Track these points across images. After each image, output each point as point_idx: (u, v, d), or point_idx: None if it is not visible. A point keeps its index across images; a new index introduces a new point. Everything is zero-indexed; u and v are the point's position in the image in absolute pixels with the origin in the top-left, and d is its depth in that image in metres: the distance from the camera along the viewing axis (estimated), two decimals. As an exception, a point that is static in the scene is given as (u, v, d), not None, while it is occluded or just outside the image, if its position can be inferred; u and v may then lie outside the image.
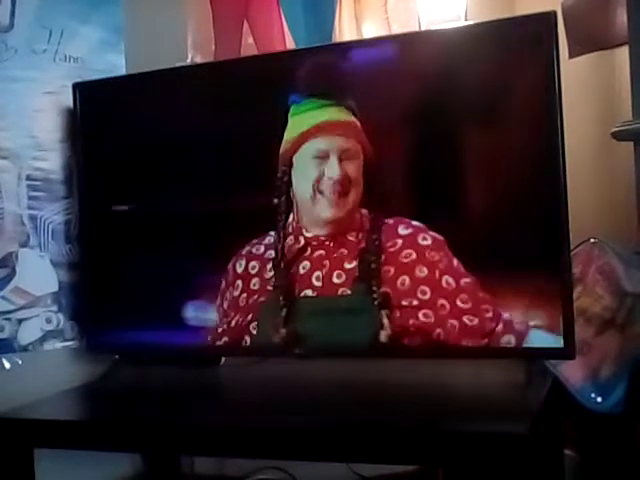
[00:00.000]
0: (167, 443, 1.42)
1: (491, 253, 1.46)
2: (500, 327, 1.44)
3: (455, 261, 1.47)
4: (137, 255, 1.75)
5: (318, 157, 1.55)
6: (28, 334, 1.72)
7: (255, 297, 1.62)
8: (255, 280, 1.62)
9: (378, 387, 1.56)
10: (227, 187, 1.66)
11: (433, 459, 1.27)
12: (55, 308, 1.76)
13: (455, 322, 1.46)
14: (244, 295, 1.63)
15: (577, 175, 1.54)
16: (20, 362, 1.70)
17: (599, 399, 1.51)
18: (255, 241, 1.62)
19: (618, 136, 1.62)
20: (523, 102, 1.45)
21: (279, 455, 1.41)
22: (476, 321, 1.45)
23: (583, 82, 1.89)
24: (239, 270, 1.64)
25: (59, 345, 1.76)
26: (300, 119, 1.57)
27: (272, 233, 1.60)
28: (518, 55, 1.45)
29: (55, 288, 1.77)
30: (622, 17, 1.67)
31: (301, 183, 1.57)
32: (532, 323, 1.43)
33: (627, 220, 1.67)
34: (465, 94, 1.49)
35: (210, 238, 1.68)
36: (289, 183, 1.58)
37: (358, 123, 1.53)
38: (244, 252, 1.63)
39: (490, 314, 1.45)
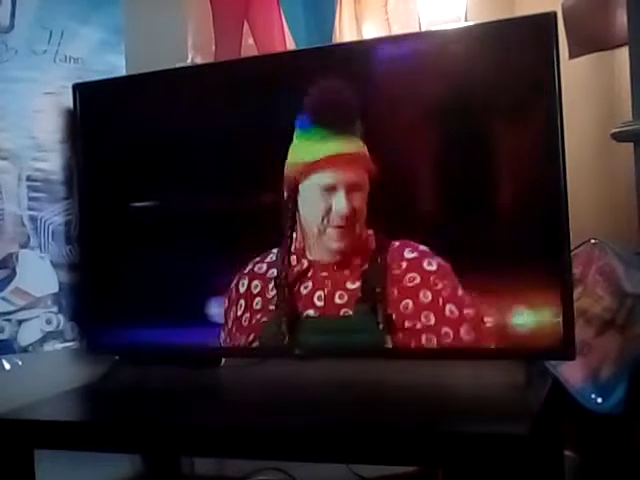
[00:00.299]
0: (167, 444, 1.42)
1: (491, 253, 1.45)
2: (506, 327, 1.44)
3: (460, 290, 1.46)
4: (137, 256, 1.75)
5: (325, 190, 1.54)
6: (28, 335, 1.72)
7: (258, 316, 1.62)
8: (257, 299, 1.62)
9: (378, 388, 1.56)
10: (228, 189, 1.66)
11: (433, 460, 1.27)
12: (55, 309, 1.76)
13: (457, 344, 1.47)
14: (247, 315, 1.63)
15: (577, 176, 1.53)
16: (20, 363, 1.70)
17: (599, 400, 1.51)
18: (257, 259, 1.62)
19: (618, 137, 1.62)
20: (523, 103, 1.45)
21: (279, 456, 1.41)
22: (477, 342, 1.46)
23: (583, 83, 1.89)
24: (242, 289, 1.63)
25: (59, 346, 1.76)
26: (306, 145, 1.55)
27: (275, 251, 1.60)
28: (518, 56, 1.45)
29: (55, 289, 1.77)
30: (622, 18, 1.67)
31: (307, 212, 1.57)
32: (532, 324, 1.43)
33: (627, 221, 1.67)
34: (465, 97, 1.49)
35: (210, 240, 1.68)
36: (295, 208, 1.58)
37: (366, 150, 1.52)
38: (247, 270, 1.63)
39: (498, 314, 1.44)
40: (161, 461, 1.89)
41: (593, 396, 1.52)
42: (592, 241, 1.63)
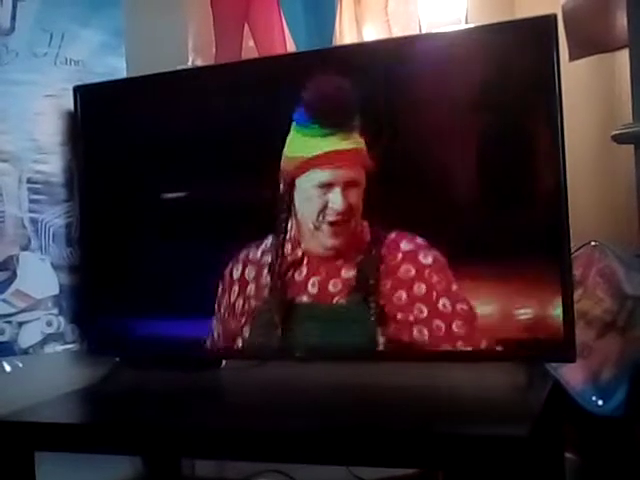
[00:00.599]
0: (168, 446, 1.42)
1: (490, 255, 1.45)
2: (507, 330, 1.44)
3: (454, 285, 1.46)
4: (138, 258, 1.75)
5: (322, 187, 1.54)
6: (29, 337, 1.72)
7: (251, 303, 1.62)
8: (251, 286, 1.62)
9: (378, 390, 1.56)
10: (224, 190, 1.67)
11: (433, 462, 1.27)
12: (56, 311, 1.76)
13: (450, 344, 1.47)
14: (240, 301, 1.63)
15: (578, 178, 1.54)
16: (21, 365, 1.70)
17: (600, 402, 1.51)
18: (252, 245, 1.62)
19: (618, 139, 1.61)
20: (523, 105, 1.45)
21: (279, 458, 1.40)
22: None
23: (583, 85, 1.89)
24: (235, 275, 1.64)
25: (60, 348, 1.77)
26: (304, 140, 1.56)
27: (269, 237, 1.60)
28: (518, 58, 1.45)
29: (56, 291, 1.77)
30: (622, 20, 1.67)
31: (303, 207, 1.57)
32: (533, 325, 1.42)
33: (628, 223, 1.67)
34: (466, 98, 1.49)
35: (211, 242, 1.68)
36: (291, 202, 1.58)
37: (363, 147, 1.52)
38: (241, 257, 1.63)
39: (499, 317, 1.44)
40: (162, 463, 1.89)
41: (594, 398, 1.52)
42: (592, 243, 1.63)
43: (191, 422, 1.41)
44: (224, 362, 1.79)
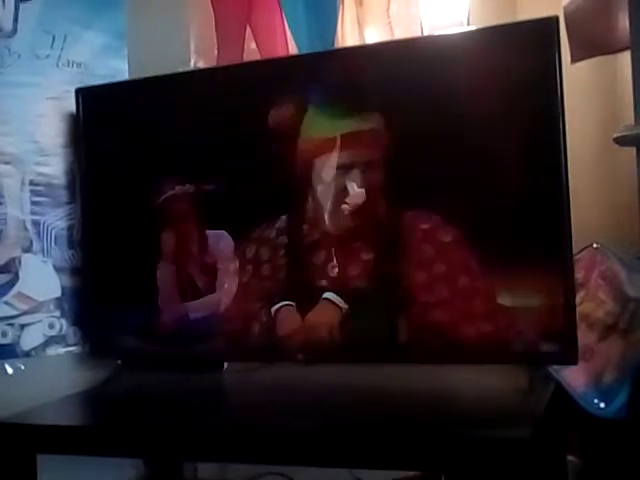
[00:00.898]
0: (170, 448, 1.42)
1: (492, 256, 1.45)
2: (508, 333, 1.44)
3: (473, 263, 1.46)
4: (140, 259, 1.75)
5: (341, 169, 1.54)
6: (31, 339, 1.72)
7: (266, 284, 1.62)
8: (266, 266, 1.62)
9: (380, 392, 1.56)
10: (229, 187, 1.66)
11: (435, 464, 1.26)
12: (58, 313, 1.76)
13: (467, 325, 1.46)
14: (254, 281, 1.63)
15: (579, 180, 1.53)
16: (23, 367, 1.70)
17: (602, 404, 1.51)
18: (265, 224, 1.62)
19: (620, 141, 1.61)
20: (525, 107, 1.44)
21: (281, 460, 1.40)
22: (487, 326, 1.45)
23: (585, 87, 1.89)
24: (249, 255, 1.63)
25: (62, 350, 1.77)
26: (322, 122, 1.56)
27: (283, 217, 1.60)
28: (520, 60, 1.44)
29: (58, 293, 1.77)
30: (624, 22, 1.67)
31: (321, 188, 1.57)
32: (534, 328, 1.42)
33: (629, 225, 1.67)
34: (468, 99, 1.49)
35: (212, 244, 1.68)
36: (309, 182, 1.57)
37: (381, 127, 1.51)
38: (254, 236, 1.63)
39: (500, 321, 1.44)
40: (164, 466, 1.89)
41: (596, 401, 1.52)
42: (594, 245, 1.63)
43: (193, 424, 1.41)
44: (226, 364, 1.79)
